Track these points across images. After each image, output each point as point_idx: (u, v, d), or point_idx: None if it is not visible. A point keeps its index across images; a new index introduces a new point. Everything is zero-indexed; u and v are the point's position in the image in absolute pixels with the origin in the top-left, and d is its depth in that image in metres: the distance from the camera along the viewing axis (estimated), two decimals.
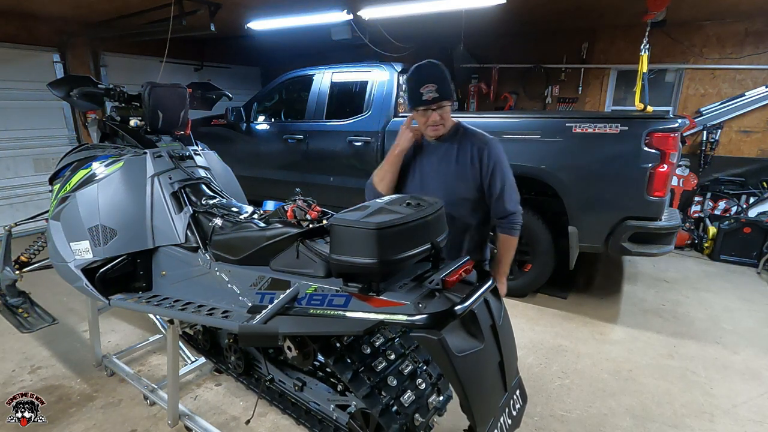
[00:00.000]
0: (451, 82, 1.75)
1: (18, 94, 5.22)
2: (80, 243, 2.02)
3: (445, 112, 1.74)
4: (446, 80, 1.72)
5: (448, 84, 1.72)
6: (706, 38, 5.15)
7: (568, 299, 3.74)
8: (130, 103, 2.34)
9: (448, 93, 1.71)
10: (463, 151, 1.77)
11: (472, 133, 1.80)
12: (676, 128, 2.93)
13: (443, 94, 1.69)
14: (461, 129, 1.82)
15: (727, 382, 2.64)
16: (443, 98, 1.70)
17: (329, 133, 4.35)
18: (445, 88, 1.70)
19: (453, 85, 1.79)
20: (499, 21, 4.98)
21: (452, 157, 1.79)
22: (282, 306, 1.47)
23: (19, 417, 2.13)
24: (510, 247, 1.85)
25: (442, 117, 1.74)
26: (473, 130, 1.82)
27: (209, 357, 2.54)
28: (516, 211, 1.81)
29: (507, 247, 1.85)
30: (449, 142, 1.81)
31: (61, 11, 4.97)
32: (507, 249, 1.85)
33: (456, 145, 1.79)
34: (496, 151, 1.75)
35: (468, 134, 1.80)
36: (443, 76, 1.72)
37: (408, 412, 1.59)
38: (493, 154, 1.74)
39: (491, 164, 1.73)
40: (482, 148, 1.74)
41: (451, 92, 1.75)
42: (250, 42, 6.62)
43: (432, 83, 1.68)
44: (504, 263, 1.87)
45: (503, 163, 1.76)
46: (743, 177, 5.20)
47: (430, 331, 1.23)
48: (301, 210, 1.71)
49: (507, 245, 1.85)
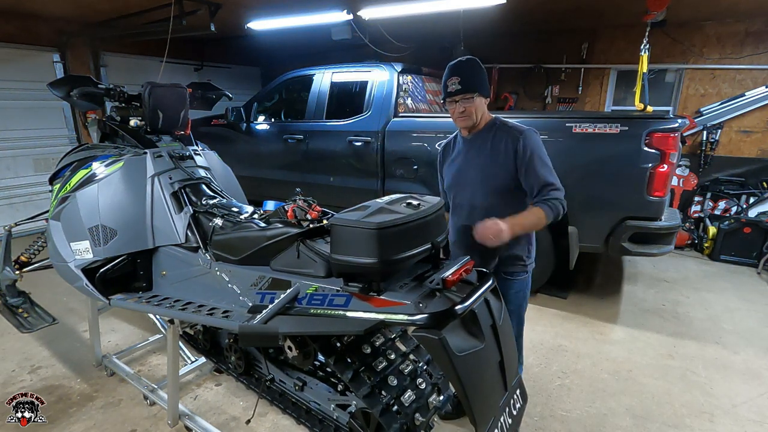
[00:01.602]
0: (478, 76, 1.79)
1: (18, 94, 5.22)
2: (80, 243, 2.02)
3: (471, 104, 1.78)
4: (471, 74, 1.78)
5: (474, 78, 1.78)
6: (706, 38, 5.15)
7: (568, 299, 3.74)
8: (130, 103, 2.34)
9: (472, 85, 1.77)
10: (497, 142, 1.80)
11: (508, 126, 1.83)
12: (676, 128, 2.93)
13: (465, 86, 1.76)
14: (498, 123, 1.86)
15: (727, 382, 2.64)
16: (465, 90, 1.76)
17: (329, 133, 4.35)
18: (469, 81, 1.76)
19: (485, 81, 1.82)
20: (499, 21, 4.98)
21: (486, 149, 1.82)
22: (282, 306, 1.47)
23: (19, 417, 2.13)
24: (534, 213, 1.70)
25: (467, 108, 1.79)
26: (510, 123, 1.84)
27: (209, 357, 2.54)
28: (551, 183, 1.73)
29: (532, 212, 1.71)
30: (484, 135, 1.85)
31: (61, 11, 4.97)
32: (530, 213, 1.71)
33: (491, 137, 1.82)
34: (531, 140, 1.75)
35: (504, 127, 1.83)
36: (469, 70, 1.78)
37: (408, 411, 1.59)
38: (529, 143, 1.74)
39: (527, 153, 1.73)
40: (517, 138, 1.75)
41: (476, 86, 1.78)
42: (250, 42, 6.62)
43: (456, 76, 1.77)
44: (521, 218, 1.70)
45: (539, 151, 1.76)
46: (743, 177, 5.20)
47: (430, 330, 1.24)
48: (302, 210, 1.71)
49: (533, 211, 1.71)
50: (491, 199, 1.83)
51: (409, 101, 4.17)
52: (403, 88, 4.10)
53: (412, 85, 4.26)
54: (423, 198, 1.53)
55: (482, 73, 1.81)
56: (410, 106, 4.17)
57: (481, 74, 1.80)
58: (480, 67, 1.81)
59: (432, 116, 4.15)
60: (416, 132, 3.83)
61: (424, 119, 3.97)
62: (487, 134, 1.84)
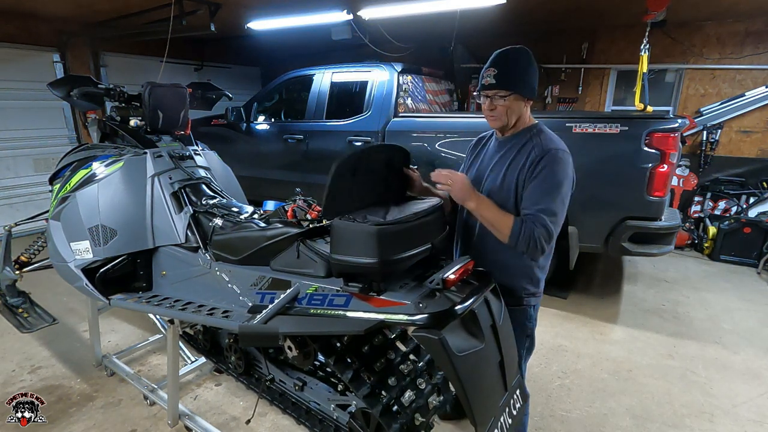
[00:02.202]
0: (520, 72, 1.50)
1: (18, 94, 5.22)
2: (80, 243, 2.02)
3: (503, 104, 1.51)
4: (513, 68, 1.50)
5: (514, 73, 1.50)
6: (706, 38, 5.15)
7: (568, 299, 3.74)
8: (130, 103, 2.34)
9: (508, 82, 1.49)
10: (523, 152, 1.53)
11: (543, 138, 1.53)
12: (676, 128, 2.93)
13: (500, 82, 1.48)
14: (535, 131, 1.56)
15: (727, 382, 2.64)
16: (500, 86, 1.49)
17: (329, 133, 4.35)
18: (506, 76, 1.48)
19: (529, 79, 1.52)
20: (499, 21, 4.98)
21: (508, 160, 1.56)
22: (282, 306, 1.47)
23: (19, 417, 2.13)
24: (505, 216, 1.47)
25: (497, 108, 1.52)
26: (546, 136, 1.54)
27: (209, 357, 2.54)
28: (546, 209, 1.43)
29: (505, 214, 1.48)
30: (515, 141, 1.58)
31: (61, 11, 4.97)
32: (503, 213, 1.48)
33: (520, 146, 1.55)
34: (553, 162, 1.45)
35: (537, 139, 1.53)
36: (511, 63, 1.50)
37: (408, 411, 1.59)
38: (548, 163, 1.45)
39: (538, 172, 1.46)
40: (540, 156, 1.47)
41: (515, 83, 1.50)
42: (250, 42, 6.62)
43: (493, 68, 1.50)
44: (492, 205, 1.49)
45: (555, 176, 1.45)
46: (743, 177, 5.20)
47: (430, 330, 1.23)
48: (302, 210, 1.71)
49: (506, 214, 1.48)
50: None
51: (409, 101, 4.17)
52: (403, 88, 4.10)
53: (412, 85, 4.26)
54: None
55: (527, 69, 1.51)
56: (410, 106, 4.17)
57: (524, 70, 1.50)
58: (526, 61, 1.51)
59: (432, 116, 4.15)
60: (416, 132, 3.83)
61: (424, 119, 3.97)
62: (519, 141, 1.56)
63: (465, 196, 1.49)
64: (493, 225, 1.48)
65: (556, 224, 1.45)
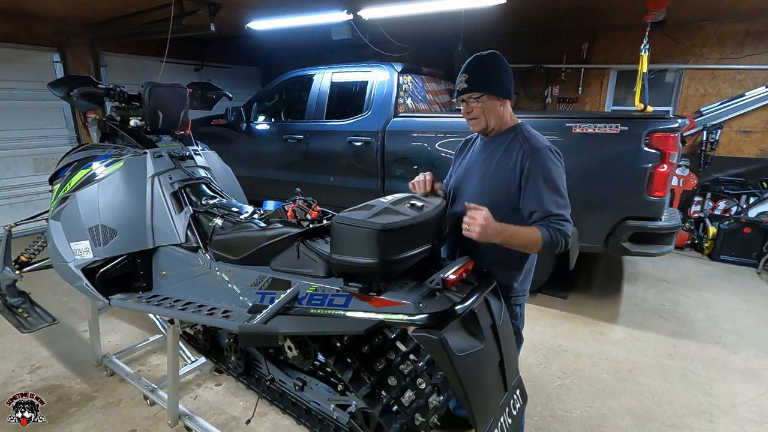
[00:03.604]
0: (490, 73, 1.57)
1: (18, 94, 5.22)
2: (80, 243, 2.02)
3: (478, 105, 1.58)
4: (481, 71, 1.58)
5: (484, 75, 1.57)
6: (706, 38, 5.15)
7: (568, 299, 3.74)
8: (130, 103, 2.34)
9: (479, 84, 1.56)
10: (509, 152, 1.58)
11: (527, 137, 1.58)
12: (676, 128, 2.93)
13: (471, 85, 1.57)
14: (518, 130, 1.61)
15: (727, 382, 2.64)
16: (471, 89, 1.57)
17: (329, 133, 4.35)
18: (477, 79, 1.56)
19: (500, 79, 1.58)
20: (499, 21, 4.98)
21: (495, 158, 1.61)
22: (282, 306, 1.47)
23: (19, 417, 2.13)
24: (530, 231, 1.46)
25: (473, 110, 1.59)
26: (530, 134, 1.60)
27: (209, 357, 2.54)
28: (558, 214, 1.48)
29: (529, 229, 1.48)
30: (500, 141, 1.63)
31: (61, 11, 4.97)
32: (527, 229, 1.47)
33: (505, 146, 1.60)
34: (541, 161, 1.50)
35: (521, 137, 1.58)
36: (480, 66, 1.58)
37: (408, 411, 1.59)
38: (537, 164, 1.50)
39: (532, 175, 1.50)
40: (526, 155, 1.52)
41: (485, 84, 1.57)
42: (250, 42, 6.62)
43: (465, 73, 1.59)
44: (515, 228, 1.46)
45: (549, 173, 1.50)
46: (743, 177, 5.20)
47: (430, 330, 1.24)
48: (302, 210, 1.71)
49: (530, 229, 1.48)
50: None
51: (409, 101, 4.17)
52: (403, 88, 4.10)
53: (412, 85, 4.26)
54: (426, 199, 1.53)
55: (497, 71, 1.58)
56: (410, 106, 4.17)
57: (493, 71, 1.58)
58: (495, 63, 1.58)
59: (432, 116, 4.15)
60: (416, 132, 3.83)
61: (424, 119, 3.96)
62: (503, 141, 1.62)
63: (490, 234, 1.41)
64: (525, 246, 1.50)
65: (568, 209, 1.53)
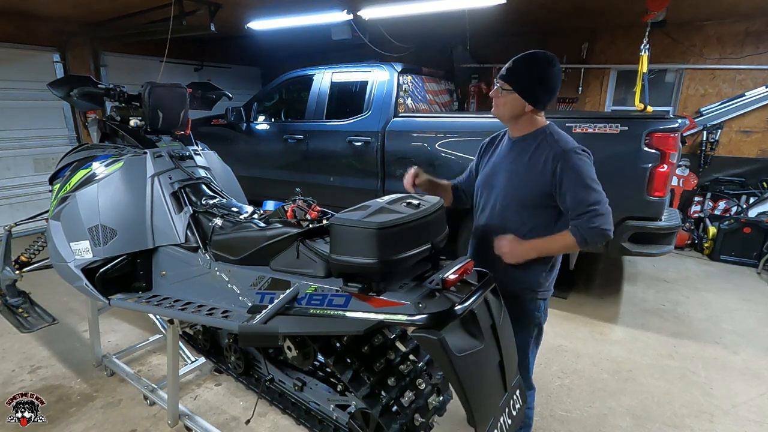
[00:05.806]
0: (528, 75, 1.58)
1: (18, 94, 5.22)
2: (80, 243, 2.02)
3: (501, 96, 1.62)
4: (522, 69, 1.58)
5: (522, 73, 1.58)
6: (706, 38, 5.15)
7: (568, 299, 3.74)
8: (130, 103, 2.34)
9: (513, 78, 1.58)
10: (539, 154, 1.60)
11: (555, 139, 1.60)
12: (676, 128, 2.93)
13: (507, 75, 1.60)
14: (547, 132, 1.63)
15: (727, 382, 2.64)
16: (505, 78, 1.60)
17: (329, 133, 4.35)
18: (514, 73, 1.58)
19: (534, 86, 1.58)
20: (499, 21, 4.98)
21: (525, 158, 1.63)
22: (282, 306, 1.47)
23: (19, 417, 2.13)
24: (559, 240, 1.57)
25: (498, 98, 1.63)
26: (559, 136, 1.61)
27: (209, 357, 2.54)
28: (592, 204, 1.52)
29: (558, 237, 1.58)
30: (528, 141, 1.65)
31: (61, 11, 4.97)
32: (555, 240, 1.58)
33: (533, 148, 1.62)
34: (572, 162, 1.53)
35: (550, 139, 1.61)
36: (523, 65, 1.58)
37: (408, 412, 1.59)
38: (568, 166, 1.53)
39: (565, 176, 1.53)
40: (557, 157, 1.55)
41: (518, 81, 1.58)
42: (250, 42, 6.62)
43: (513, 62, 1.61)
44: (542, 242, 1.59)
45: (581, 174, 1.53)
46: (743, 177, 5.19)
47: (430, 331, 1.23)
48: (301, 210, 1.71)
49: (559, 237, 1.58)
50: (510, 210, 1.66)
51: (409, 101, 4.17)
52: (403, 88, 4.10)
53: (412, 85, 4.26)
54: (423, 198, 1.52)
55: (536, 75, 1.57)
56: (410, 106, 4.17)
57: (532, 75, 1.57)
58: (540, 68, 1.57)
59: (432, 116, 4.15)
60: (416, 132, 3.83)
61: (424, 119, 3.96)
62: (531, 142, 1.63)
63: (522, 253, 1.58)
64: (564, 250, 1.64)
65: (602, 202, 1.55)
